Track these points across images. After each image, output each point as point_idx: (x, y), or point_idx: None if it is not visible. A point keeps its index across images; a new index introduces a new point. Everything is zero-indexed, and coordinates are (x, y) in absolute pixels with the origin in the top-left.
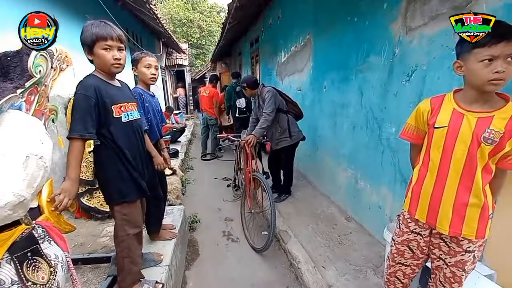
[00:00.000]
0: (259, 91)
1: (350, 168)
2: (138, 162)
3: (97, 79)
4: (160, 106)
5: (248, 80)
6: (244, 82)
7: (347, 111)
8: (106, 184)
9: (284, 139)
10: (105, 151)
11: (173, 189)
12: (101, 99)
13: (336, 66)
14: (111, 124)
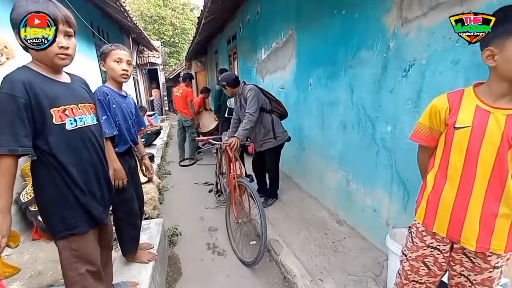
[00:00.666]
0: (240, 90)
1: (340, 170)
2: (92, 181)
3: (31, 72)
4: (135, 108)
5: (228, 78)
6: (224, 80)
7: (336, 110)
8: (46, 212)
9: (268, 140)
10: (42, 169)
11: (149, 199)
12: (34, 99)
13: (323, 62)
14: (50, 133)
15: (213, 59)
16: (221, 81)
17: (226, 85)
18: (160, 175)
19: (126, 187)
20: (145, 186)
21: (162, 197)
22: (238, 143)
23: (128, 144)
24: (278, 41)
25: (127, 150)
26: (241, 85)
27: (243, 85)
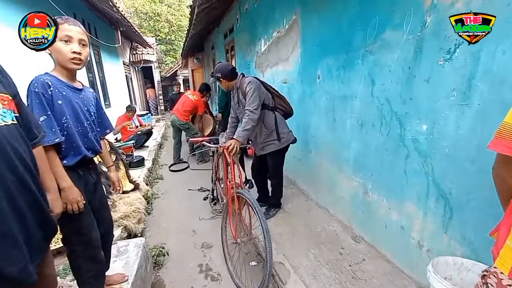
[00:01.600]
0: (238, 83)
1: (356, 176)
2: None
3: None
4: (96, 105)
5: (224, 69)
6: (218, 72)
7: (351, 105)
8: None
9: (271, 142)
10: None
11: (133, 212)
12: None
13: (334, 49)
14: None
15: (210, 55)
16: (216, 72)
17: (221, 78)
18: (151, 180)
19: (82, 212)
20: (130, 195)
21: (150, 207)
22: (237, 146)
23: (82, 155)
24: (279, 29)
25: (80, 162)
26: (239, 77)
27: (241, 78)
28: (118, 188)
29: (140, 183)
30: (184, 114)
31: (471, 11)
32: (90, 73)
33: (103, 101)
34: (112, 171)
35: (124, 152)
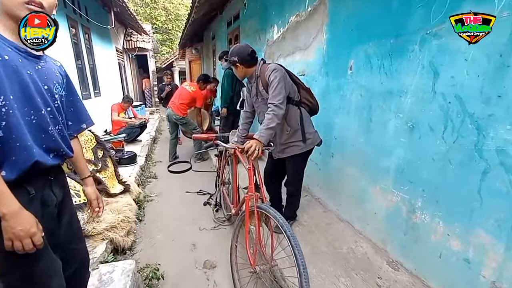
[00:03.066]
0: (257, 70)
1: (398, 190)
2: None
3: None
4: (65, 85)
5: (242, 52)
6: (235, 55)
7: (398, 103)
8: None
9: (294, 143)
10: None
11: (121, 222)
12: None
13: (377, 33)
14: None
15: (209, 46)
16: (231, 55)
17: (238, 62)
18: (143, 179)
19: (39, 251)
20: (118, 199)
21: (142, 212)
22: (259, 148)
23: (32, 160)
24: (299, 13)
25: (30, 172)
26: (259, 63)
27: (262, 65)
28: (97, 210)
29: (131, 184)
30: (181, 107)
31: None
32: (79, 60)
33: (92, 90)
34: (88, 185)
35: (113, 147)
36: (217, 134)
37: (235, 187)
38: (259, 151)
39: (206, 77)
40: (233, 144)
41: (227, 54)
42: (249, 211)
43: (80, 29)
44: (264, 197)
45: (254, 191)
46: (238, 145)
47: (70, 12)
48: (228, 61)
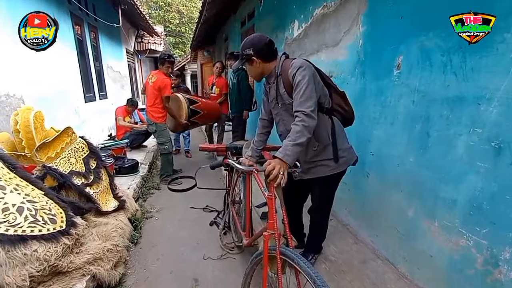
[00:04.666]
0: (278, 67)
1: (473, 232)
2: None
3: None
4: None
5: (258, 42)
6: (249, 46)
7: (474, 114)
8: None
9: (323, 163)
10: None
11: (107, 253)
12: None
13: (441, 20)
14: None
15: (222, 48)
16: (244, 48)
17: (254, 55)
18: (145, 191)
19: None
20: (108, 220)
21: (138, 233)
22: (284, 172)
23: None
24: (326, 3)
25: None
26: (279, 59)
27: (284, 60)
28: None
29: (128, 199)
30: (150, 111)
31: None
32: (83, 61)
33: (97, 92)
34: None
35: (114, 154)
36: (227, 145)
37: (247, 211)
38: (284, 175)
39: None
40: (246, 159)
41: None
42: (267, 253)
43: (85, 27)
44: (290, 236)
45: (276, 228)
46: (256, 167)
47: (75, 9)
48: (240, 58)
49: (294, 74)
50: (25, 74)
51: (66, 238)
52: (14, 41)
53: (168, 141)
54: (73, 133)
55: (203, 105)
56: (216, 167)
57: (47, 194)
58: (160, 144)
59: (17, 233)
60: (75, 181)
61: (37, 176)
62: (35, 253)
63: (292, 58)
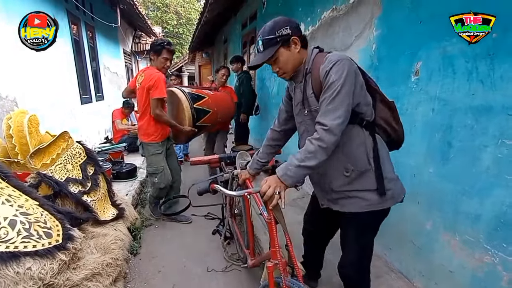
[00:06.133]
0: (308, 63)
1: (498, 249)
2: None
3: None
4: None
5: (291, 21)
6: (286, 25)
7: (501, 124)
8: None
9: (358, 194)
10: None
11: (106, 267)
12: None
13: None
14: None
15: (221, 50)
16: (278, 28)
17: (292, 34)
18: (144, 198)
19: None
20: (107, 231)
21: (138, 243)
22: (282, 193)
23: None
24: (337, 6)
25: None
26: (311, 51)
27: (317, 53)
28: None
29: (127, 207)
30: (141, 125)
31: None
32: (80, 61)
33: (94, 93)
34: None
35: (111, 159)
36: (220, 155)
37: (250, 230)
38: (282, 196)
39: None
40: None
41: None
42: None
43: (82, 26)
44: (296, 264)
45: (280, 257)
46: (249, 190)
47: (71, 8)
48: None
49: (328, 72)
50: (19, 75)
51: (62, 254)
52: (7, 40)
53: (160, 171)
54: (69, 137)
55: (212, 100)
56: (203, 193)
57: (42, 205)
58: (149, 175)
59: (9, 250)
60: (72, 188)
61: (31, 184)
62: (29, 271)
63: (327, 52)
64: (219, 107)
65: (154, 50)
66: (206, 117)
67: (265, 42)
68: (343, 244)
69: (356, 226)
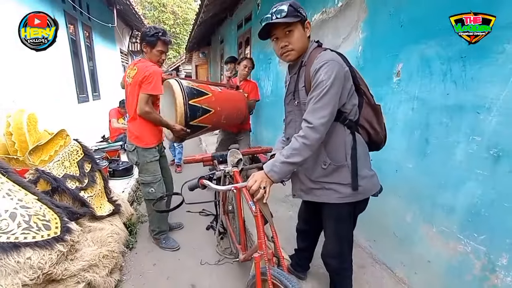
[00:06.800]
0: (306, 55)
1: (471, 238)
2: None
3: None
4: None
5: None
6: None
7: (472, 121)
8: None
9: (332, 186)
10: None
11: (103, 259)
12: None
13: (442, 28)
14: None
15: (217, 50)
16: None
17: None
18: (140, 195)
19: None
20: (103, 226)
21: (134, 238)
22: (267, 187)
23: None
24: (326, 9)
25: None
26: (311, 45)
27: (315, 48)
28: None
29: (123, 203)
30: (131, 126)
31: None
32: (77, 60)
33: (90, 92)
34: None
35: (108, 157)
36: (213, 154)
37: (241, 225)
38: (266, 191)
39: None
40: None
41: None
42: (260, 277)
43: (79, 26)
44: (281, 255)
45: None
46: (236, 185)
47: (69, 8)
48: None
49: (317, 70)
50: (17, 74)
51: (60, 245)
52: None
53: (157, 180)
54: (67, 135)
55: (216, 98)
56: (194, 188)
57: (40, 199)
58: (142, 185)
59: (10, 240)
60: (69, 185)
61: (29, 180)
62: (29, 261)
63: (324, 48)
64: (224, 107)
65: (147, 42)
66: (204, 117)
67: (290, 10)
68: (325, 235)
69: (332, 217)
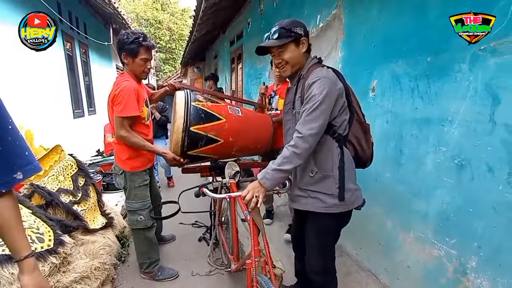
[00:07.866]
0: (305, 69)
1: (443, 243)
2: None
3: None
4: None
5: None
6: (300, 26)
7: (438, 133)
8: None
9: (317, 195)
10: None
11: (95, 271)
12: None
13: (409, 50)
14: None
15: (212, 65)
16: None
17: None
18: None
19: None
20: (96, 238)
21: (126, 250)
22: (261, 196)
23: None
24: (310, 30)
25: None
26: (311, 59)
27: (315, 63)
28: None
29: (116, 216)
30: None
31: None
32: (73, 77)
33: (86, 108)
34: (25, 272)
35: (102, 171)
36: (211, 164)
37: (234, 235)
38: (259, 199)
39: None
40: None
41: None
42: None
43: (76, 44)
44: (270, 264)
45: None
46: (230, 194)
47: (66, 28)
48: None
49: (311, 85)
50: (13, 89)
51: (53, 257)
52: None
53: (146, 207)
54: (62, 150)
55: (230, 125)
56: (199, 195)
57: (34, 213)
58: (129, 213)
59: (5, 253)
60: (63, 198)
61: (24, 195)
62: None
63: (322, 66)
64: (238, 138)
65: (127, 51)
66: (208, 147)
67: (281, 32)
68: (306, 248)
69: (315, 227)
